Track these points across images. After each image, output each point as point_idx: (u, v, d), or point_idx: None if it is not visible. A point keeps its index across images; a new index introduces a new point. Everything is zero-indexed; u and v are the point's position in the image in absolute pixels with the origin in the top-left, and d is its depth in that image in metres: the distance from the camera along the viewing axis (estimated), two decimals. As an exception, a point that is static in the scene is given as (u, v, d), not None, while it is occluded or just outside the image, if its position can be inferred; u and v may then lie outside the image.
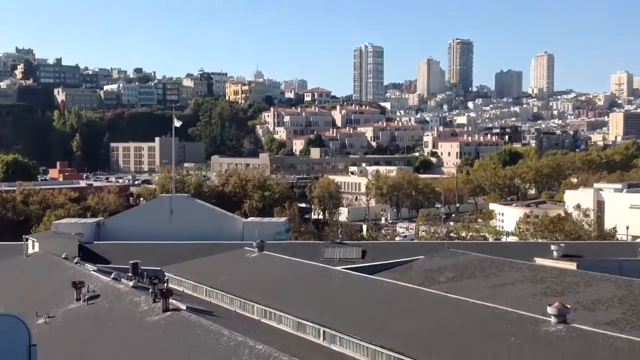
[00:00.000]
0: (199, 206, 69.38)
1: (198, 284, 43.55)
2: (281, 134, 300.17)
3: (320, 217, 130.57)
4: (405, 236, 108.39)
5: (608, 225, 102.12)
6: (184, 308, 30.93)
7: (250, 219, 73.99)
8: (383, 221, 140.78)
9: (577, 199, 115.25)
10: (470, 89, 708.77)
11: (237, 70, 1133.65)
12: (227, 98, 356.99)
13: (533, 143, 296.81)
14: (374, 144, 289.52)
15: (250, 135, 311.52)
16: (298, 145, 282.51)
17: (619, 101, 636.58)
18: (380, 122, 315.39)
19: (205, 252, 51.05)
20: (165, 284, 37.92)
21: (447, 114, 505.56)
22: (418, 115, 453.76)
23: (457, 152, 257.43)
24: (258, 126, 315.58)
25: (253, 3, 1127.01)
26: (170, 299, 30.68)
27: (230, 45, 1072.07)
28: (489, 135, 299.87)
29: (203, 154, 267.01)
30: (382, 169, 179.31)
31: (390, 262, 49.58)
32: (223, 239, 58.88)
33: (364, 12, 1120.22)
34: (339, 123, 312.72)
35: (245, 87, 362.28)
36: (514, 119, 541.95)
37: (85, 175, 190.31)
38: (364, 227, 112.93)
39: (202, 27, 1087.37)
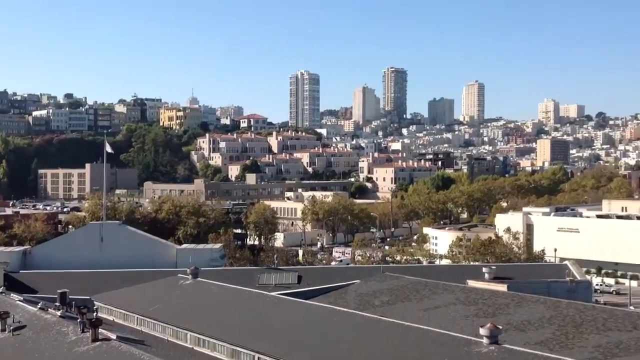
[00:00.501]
0: (131, 233, 67.88)
1: (129, 313, 42.41)
2: (217, 160, 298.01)
3: (256, 242, 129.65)
4: (341, 261, 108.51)
5: (537, 247, 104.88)
6: (114, 337, 30.03)
7: (184, 245, 72.81)
8: (319, 246, 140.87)
9: (507, 223, 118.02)
10: (404, 116, 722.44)
11: (172, 97, 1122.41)
12: (161, 124, 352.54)
13: (465, 168, 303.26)
14: (310, 169, 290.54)
15: (185, 161, 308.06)
16: (234, 171, 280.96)
17: (546, 128, 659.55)
18: (316, 148, 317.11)
19: (136, 280, 49.84)
20: (95, 314, 36.77)
21: (382, 140, 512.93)
22: (354, 142, 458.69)
23: (391, 178, 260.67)
24: (193, 152, 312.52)
25: (188, 29, 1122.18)
26: (99, 329, 29.77)
27: (164, 71, 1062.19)
28: (422, 161, 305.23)
29: (135, 181, 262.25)
30: (318, 194, 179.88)
31: (326, 287, 49.49)
32: (156, 267, 57.71)
33: (301, 40, 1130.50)
34: (275, 149, 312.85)
35: (180, 113, 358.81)
36: (446, 145, 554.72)
37: (11, 203, 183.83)
38: (300, 252, 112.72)
39: (135, 52, 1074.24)
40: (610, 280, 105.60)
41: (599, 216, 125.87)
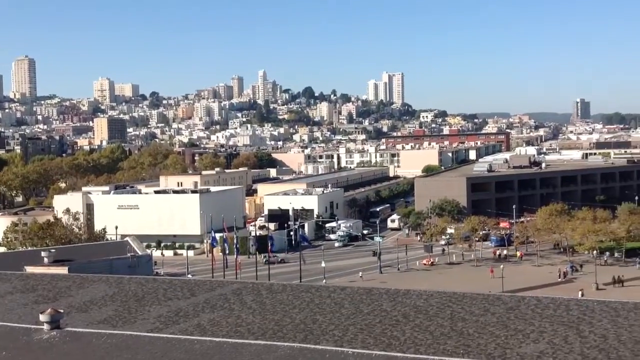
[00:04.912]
0: None
1: None
2: None
3: None
4: None
5: (98, 226, 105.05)
6: None
7: None
8: None
9: (66, 204, 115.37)
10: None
11: None
12: None
13: (18, 149, 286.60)
14: None
15: None
16: None
17: (103, 107, 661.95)
18: None
19: None
20: None
21: None
22: None
23: None
24: None
25: None
26: None
27: None
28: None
29: None
30: None
31: None
32: None
33: None
34: None
35: None
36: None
37: None
38: None
39: None
40: (169, 252, 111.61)
41: (156, 192, 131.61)
